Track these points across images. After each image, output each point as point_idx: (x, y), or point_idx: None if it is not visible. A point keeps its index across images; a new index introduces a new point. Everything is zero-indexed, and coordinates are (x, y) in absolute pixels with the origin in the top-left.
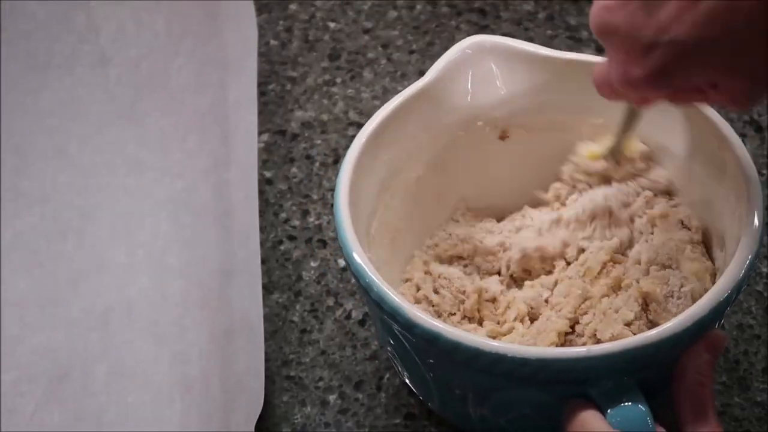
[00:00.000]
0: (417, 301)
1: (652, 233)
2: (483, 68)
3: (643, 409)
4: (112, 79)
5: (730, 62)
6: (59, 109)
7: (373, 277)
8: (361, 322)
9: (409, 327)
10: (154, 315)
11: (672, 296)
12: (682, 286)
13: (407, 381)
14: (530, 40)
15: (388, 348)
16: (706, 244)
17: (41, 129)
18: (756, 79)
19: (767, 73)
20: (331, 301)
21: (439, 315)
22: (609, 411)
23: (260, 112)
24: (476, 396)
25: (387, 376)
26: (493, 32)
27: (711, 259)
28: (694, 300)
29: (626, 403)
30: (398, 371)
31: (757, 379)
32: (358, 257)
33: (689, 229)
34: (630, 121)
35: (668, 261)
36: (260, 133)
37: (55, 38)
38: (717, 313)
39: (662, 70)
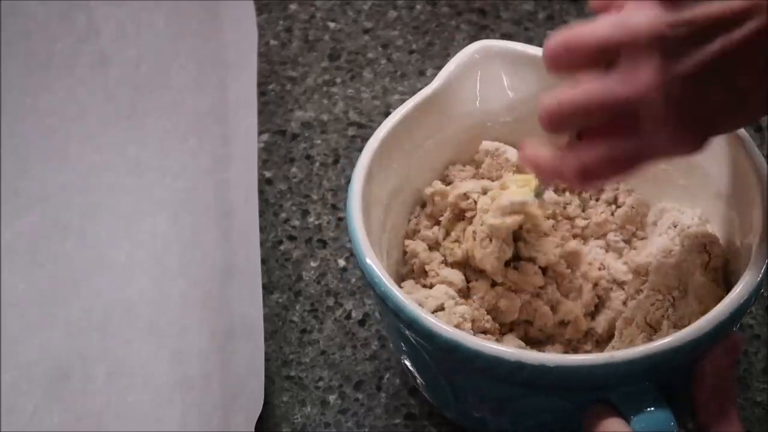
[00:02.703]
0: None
1: (673, 253)
2: (491, 73)
3: (668, 414)
4: (112, 79)
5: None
6: (59, 109)
7: (389, 285)
8: (361, 322)
9: (428, 336)
10: (154, 315)
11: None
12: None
13: (422, 390)
14: (530, 40)
15: (403, 357)
16: (724, 269)
17: (41, 129)
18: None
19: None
20: (331, 301)
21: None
22: (633, 417)
23: (260, 112)
24: (496, 404)
25: (387, 376)
26: (493, 32)
27: (726, 284)
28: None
29: (650, 409)
30: (412, 379)
31: (757, 379)
32: (374, 265)
33: (709, 255)
34: None
35: (675, 283)
36: (260, 133)
37: (55, 38)
38: (735, 317)
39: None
